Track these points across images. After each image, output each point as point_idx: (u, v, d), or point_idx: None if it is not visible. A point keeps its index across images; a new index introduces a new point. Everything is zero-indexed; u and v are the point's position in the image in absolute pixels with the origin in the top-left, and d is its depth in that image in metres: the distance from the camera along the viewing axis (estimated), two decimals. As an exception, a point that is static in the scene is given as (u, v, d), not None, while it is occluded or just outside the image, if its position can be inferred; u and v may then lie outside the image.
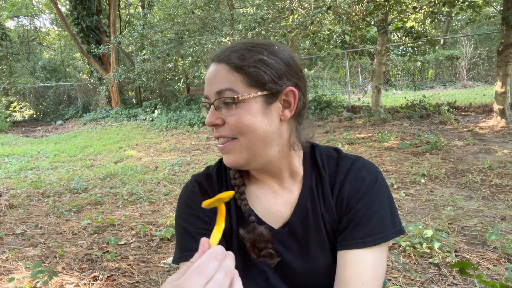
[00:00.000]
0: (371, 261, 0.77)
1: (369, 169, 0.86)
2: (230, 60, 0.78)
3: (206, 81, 0.81)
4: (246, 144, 0.79)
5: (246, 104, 0.77)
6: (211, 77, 0.80)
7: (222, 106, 0.78)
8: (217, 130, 0.80)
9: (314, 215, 0.86)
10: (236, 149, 0.79)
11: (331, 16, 8.06)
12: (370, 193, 0.82)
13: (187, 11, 9.99)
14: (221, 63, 0.79)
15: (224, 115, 0.78)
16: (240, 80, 0.77)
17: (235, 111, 0.77)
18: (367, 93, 10.97)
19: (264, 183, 0.90)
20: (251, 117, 0.77)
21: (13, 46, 18.62)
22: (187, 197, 0.89)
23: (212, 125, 0.80)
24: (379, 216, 0.80)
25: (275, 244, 0.86)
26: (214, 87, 0.79)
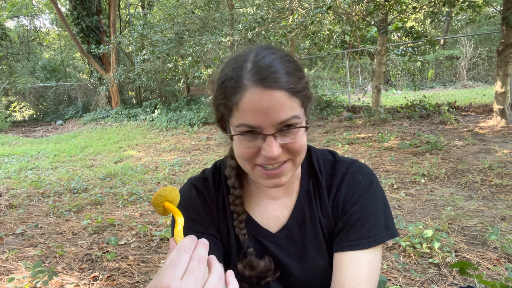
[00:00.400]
0: (366, 263, 0.78)
1: (365, 173, 0.87)
2: (289, 85, 0.72)
3: (258, 111, 0.70)
4: (298, 162, 0.78)
5: (300, 128, 0.75)
6: (269, 107, 0.70)
7: (280, 132, 0.73)
8: (276, 159, 0.74)
9: (312, 219, 0.87)
10: (289, 169, 0.78)
11: (331, 16, 8.06)
12: (365, 196, 0.84)
13: (187, 11, 9.98)
14: (280, 89, 0.70)
15: (284, 141, 0.74)
16: (297, 104, 0.74)
17: (297, 137, 0.74)
18: (367, 93, 10.98)
19: (263, 189, 0.90)
20: (304, 137, 0.77)
21: (13, 46, 18.62)
22: (184, 201, 0.89)
23: (276, 157, 0.73)
24: (374, 219, 0.82)
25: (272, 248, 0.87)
26: (275, 117, 0.70)
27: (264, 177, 0.77)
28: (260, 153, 0.74)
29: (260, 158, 0.75)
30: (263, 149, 0.73)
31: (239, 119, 0.73)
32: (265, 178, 0.77)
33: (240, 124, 0.73)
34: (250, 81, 0.71)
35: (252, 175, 0.80)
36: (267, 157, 0.73)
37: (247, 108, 0.71)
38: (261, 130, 0.72)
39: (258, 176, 0.78)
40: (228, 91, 0.74)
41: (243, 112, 0.72)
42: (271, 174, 0.76)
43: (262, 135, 0.72)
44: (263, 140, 0.73)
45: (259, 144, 0.73)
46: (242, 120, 0.72)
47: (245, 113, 0.71)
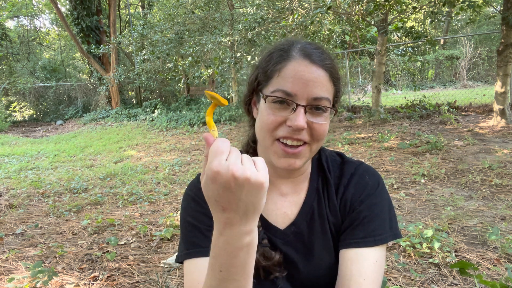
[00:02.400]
0: (372, 260, 0.79)
1: (372, 174, 0.90)
2: (332, 69, 0.80)
3: (299, 80, 0.76)
4: (315, 149, 0.82)
5: (327, 115, 0.80)
6: (310, 79, 0.76)
7: (310, 111, 0.78)
8: (299, 133, 0.77)
9: (320, 216, 0.88)
10: (305, 154, 0.80)
11: (331, 16, 8.06)
12: (372, 196, 0.86)
13: (187, 11, 9.99)
14: (324, 69, 0.78)
15: (311, 120, 0.77)
16: (332, 92, 0.81)
17: (324, 120, 0.79)
18: (367, 93, 10.98)
19: (274, 185, 0.91)
20: (327, 126, 0.81)
21: (13, 46, 18.63)
22: (195, 195, 0.89)
23: (301, 129, 0.77)
24: (380, 219, 0.84)
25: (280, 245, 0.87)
26: (312, 90, 0.76)
27: (281, 154, 0.79)
28: (284, 125, 0.78)
29: (282, 130, 0.78)
30: (289, 119, 0.76)
31: (277, 85, 0.78)
32: (281, 156, 0.79)
33: (277, 90, 0.78)
34: (298, 54, 0.79)
35: (269, 152, 0.81)
36: (293, 126, 0.75)
37: (289, 75, 0.77)
38: (295, 98, 0.76)
39: (275, 152, 0.80)
40: (274, 59, 0.80)
41: (283, 78, 0.78)
42: (289, 152, 0.78)
43: (294, 104, 0.76)
44: (293, 111, 0.76)
45: (287, 115, 0.77)
46: (280, 85, 0.77)
47: (285, 79, 0.77)
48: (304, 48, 0.80)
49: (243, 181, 0.55)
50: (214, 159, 0.56)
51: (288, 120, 0.76)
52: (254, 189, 0.56)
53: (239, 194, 0.56)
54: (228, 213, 0.58)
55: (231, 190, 0.56)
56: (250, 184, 0.56)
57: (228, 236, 0.59)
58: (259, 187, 0.56)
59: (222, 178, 0.55)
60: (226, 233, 0.59)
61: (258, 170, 0.57)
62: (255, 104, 0.88)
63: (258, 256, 0.84)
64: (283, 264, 0.86)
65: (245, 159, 0.58)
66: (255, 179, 0.56)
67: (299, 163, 0.80)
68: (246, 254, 0.61)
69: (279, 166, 0.80)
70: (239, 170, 0.55)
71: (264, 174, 0.57)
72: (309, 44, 0.82)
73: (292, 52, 0.80)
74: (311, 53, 0.79)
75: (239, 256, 0.60)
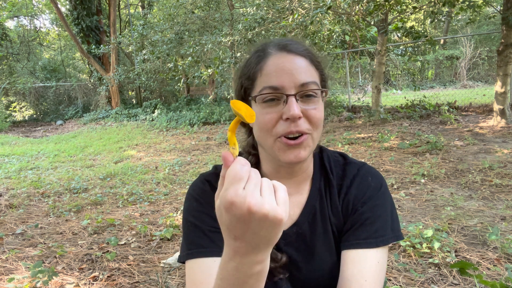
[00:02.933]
0: (374, 261, 0.79)
1: (374, 176, 0.90)
2: (311, 55, 0.81)
3: (281, 71, 0.77)
4: (316, 137, 0.81)
5: (319, 99, 0.80)
6: (292, 68, 0.77)
7: (301, 99, 0.77)
8: (297, 124, 0.76)
9: (322, 216, 0.88)
10: (309, 144, 0.80)
11: (331, 16, 8.06)
12: (375, 198, 0.86)
13: (187, 11, 9.98)
14: (301, 56, 0.79)
15: (304, 107, 0.77)
16: (316, 75, 0.81)
17: (317, 105, 0.79)
18: (367, 93, 10.97)
19: None
20: (322, 111, 0.81)
21: (13, 46, 18.62)
22: (198, 195, 0.89)
23: (298, 118, 0.76)
24: (382, 220, 0.84)
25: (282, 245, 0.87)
26: (297, 78, 0.76)
27: (285, 149, 0.78)
28: (281, 121, 0.77)
29: (281, 126, 0.77)
30: (284, 112, 0.76)
31: (262, 84, 0.78)
32: (286, 150, 0.78)
33: (264, 88, 0.78)
34: (274, 49, 0.80)
35: (273, 150, 0.80)
36: (289, 116, 0.75)
37: (271, 70, 0.78)
38: (283, 91, 0.76)
39: (279, 149, 0.79)
40: (253, 61, 0.82)
41: (266, 75, 0.78)
42: (292, 144, 0.77)
43: (284, 96, 0.76)
44: (284, 103, 0.76)
45: (281, 109, 0.77)
46: (265, 83, 0.78)
47: (268, 76, 0.78)
48: (278, 43, 0.82)
49: (261, 216, 0.51)
50: (230, 187, 0.53)
51: (283, 113, 0.76)
52: (271, 225, 0.53)
53: (253, 227, 0.53)
54: (239, 242, 0.55)
55: (246, 223, 0.53)
56: (267, 220, 0.52)
57: (238, 263, 0.57)
58: (277, 223, 0.53)
59: (237, 210, 0.52)
60: (236, 260, 0.57)
61: (278, 204, 0.53)
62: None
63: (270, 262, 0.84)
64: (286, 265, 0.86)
65: (265, 188, 0.54)
66: (273, 215, 0.52)
67: (304, 153, 0.79)
68: (256, 282, 0.59)
69: (286, 161, 0.79)
70: (257, 204, 0.51)
71: (284, 209, 0.54)
72: (282, 39, 0.84)
73: (268, 49, 0.81)
74: (286, 44, 0.80)
75: (248, 283, 0.58)
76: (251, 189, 0.52)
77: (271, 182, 0.56)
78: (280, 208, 0.53)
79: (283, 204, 0.54)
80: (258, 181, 0.54)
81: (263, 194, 0.53)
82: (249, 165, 0.55)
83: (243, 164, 0.54)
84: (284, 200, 0.55)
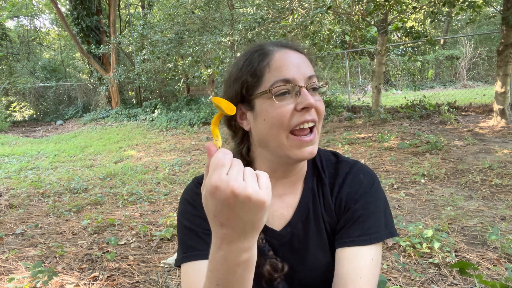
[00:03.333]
0: (368, 258, 0.79)
1: (366, 173, 0.90)
2: (310, 53, 0.87)
3: (291, 65, 0.80)
4: (319, 128, 0.84)
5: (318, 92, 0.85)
6: (299, 63, 0.81)
7: (309, 92, 0.80)
8: (311, 113, 0.80)
9: (315, 215, 0.88)
10: (316, 139, 0.83)
11: (331, 16, 8.06)
12: (367, 195, 0.86)
13: (187, 11, 9.98)
14: (303, 54, 0.84)
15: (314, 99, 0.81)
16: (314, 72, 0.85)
17: (320, 97, 0.83)
18: (367, 93, 10.97)
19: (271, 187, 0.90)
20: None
21: (13, 46, 18.62)
22: (192, 199, 0.89)
23: (313, 107, 0.79)
24: (375, 217, 0.84)
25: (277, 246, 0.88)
26: (305, 71, 0.80)
27: (299, 146, 0.80)
28: (295, 113, 0.78)
29: (295, 118, 0.78)
30: (299, 103, 0.78)
31: (273, 78, 0.79)
32: (299, 147, 0.80)
33: (275, 81, 0.78)
34: (275, 47, 0.83)
35: (284, 148, 0.81)
36: (307, 105, 0.77)
37: (280, 64, 0.79)
38: (296, 82, 0.78)
39: (291, 146, 0.80)
40: (257, 59, 0.82)
41: (276, 69, 0.79)
42: (307, 141, 0.79)
43: (297, 87, 0.78)
44: (297, 95, 0.79)
45: (293, 101, 0.79)
46: (277, 77, 0.79)
47: (278, 69, 0.79)
48: (276, 42, 0.85)
49: (244, 199, 0.53)
50: (214, 173, 0.55)
51: (298, 104, 0.78)
52: (254, 208, 0.54)
53: (238, 211, 0.55)
54: (226, 229, 0.57)
55: (230, 207, 0.54)
56: (250, 202, 0.54)
57: (225, 251, 0.58)
58: (260, 205, 0.55)
59: (221, 194, 0.54)
60: (224, 248, 0.58)
61: (261, 188, 0.55)
62: (243, 117, 0.86)
63: (269, 269, 0.84)
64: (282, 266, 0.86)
65: (248, 174, 0.56)
66: (256, 197, 0.54)
67: (316, 148, 0.82)
68: (244, 271, 0.60)
69: (300, 158, 0.81)
70: (240, 187, 0.53)
71: (267, 193, 0.56)
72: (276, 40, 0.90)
73: (268, 47, 0.83)
74: (286, 43, 0.84)
75: (236, 272, 0.59)
76: (234, 174, 0.54)
77: (253, 170, 0.58)
78: (262, 192, 0.55)
79: (266, 188, 0.56)
80: (241, 168, 0.56)
81: (245, 178, 0.55)
82: (231, 155, 0.57)
83: (226, 153, 0.57)
84: (266, 185, 0.56)
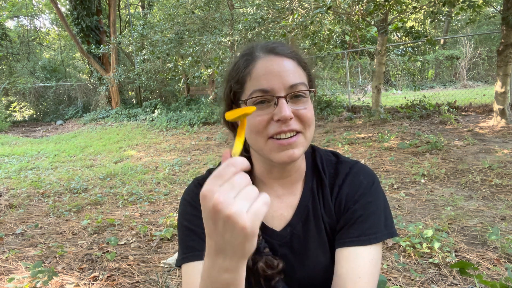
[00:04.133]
0: (367, 258, 0.79)
1: (366, 174, 0.90)
2: (297, 56, 0.83)
3: (270, 74, 0.78)
4: (308, 137, 0.82)
5: (308, 99, 0.82)
6: (281, 70, 0.78)
7: (291, 100, 0.79)
8: (288, 124, 0.77)
9: (315, 216, 0.89)
10: (301, 143, 0.80)
11: (331, 16, 8.06)
12: (367, 195, 0.86)
13: (187, 11, 9.98)
14: (288, 58, 0.81)
15: (295, 108, 0.78)
16: (304, 76, 0.82)
17: (306, 105, 0.80)
18: (367, 93, 10.97)
19: (269, 187, 0.91)
20: (312, 110, 0.82)
21: (13, 46, 18.62)
22: (192, 200, 0.89)
23: (289, 119, 0.77)
24: (374, 217, 0.84)
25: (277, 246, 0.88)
26: (286, 80, 0.78)
27: (278, 149, 0.78)
28: (272, 122, 0.78)
29: (272, 127, 0.78)
30: (275, 114, 0.77)
31: (252, 87, 0.79)
32: (278, 151, 0.79)
33: (253, 91, 0.78)
34: (261, 52, 0.81)
35: (264, 152, 0.81)
36: (281, 117, 0.75)
37: (260, 73, 0.78)
38: (273, 93, 0.77)
39: (271, 150, 0.79)
40: (242, 65, 0.82)
41: (256, 79, 0.79)
42: (284, 144, 0.78)
43: (275, 98, 0.77)
44: (275, 105, 0.77)
45: (271, 111, 0.78)
46: (255, 86, 0.78)
47: (258, 79, 0.78)
48: (265, 46, 0.83)
49: (224, 216, 0.49)
50: (209, 181, 0.52)
51: (274, 115, 0.77)
52: (235, 231, 0.50)
53: (219, 227, 0.51)
54: (209, 239, 0.55)
55: (213, 220, 0.52)
56: (230, 222, 0.50)
57: (209, 262, 0.56)
58: (240, 230, 0.50)
59: (206, 204, 0.51)
60: (209, 258, 0.56)
61: (248, 212, 0.50)
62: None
63: (263, 266, 0.84)
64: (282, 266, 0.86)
65: (243, 194, 0.51)
66: (236, 219, 0.49)
67: (297, 152, 0.79)
68: None
69: (280, 162, 0.79)
70: (223, 203, 0.50)
71: (251, 219, 0.50)
72: (268, 42, 0.85)
73: (255, 53, 0.82)
74: (273, 47, 0.81)
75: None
76: (226, 188, 0.51)
77: (257, 192, 0.53)
78: (246, 216, 0.50)
79: (253, 213, 0.50)
80: (239, 185, 0.52)
81: (237, 197, 0.51)
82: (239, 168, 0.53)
83: (231, 165, 0.53)
84: (256, 211, 0.51)
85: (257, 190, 0.54)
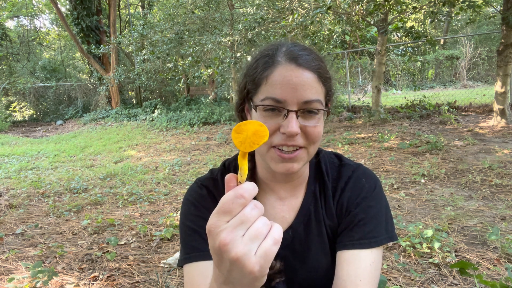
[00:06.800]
0: (368, 262, 0.80)
1: (369, 177, 0.90)
2: (321, 70, 0.78)
3: (287, 85, 0.74)
4: (311, 152, 0.80)
5: (321, 116, 0.79)
6: (298, 83, 0.74)
7: (302, 115, 0.76)
8: (294, 139, 0.75)
9: (317, 219, 0.89)
10: (303, 158, 0.79)
11: (331, 16, 8.06)
12: (369, 199, 0.86)
13: (187, 11, 9.98)
14: (310, 70, 0.76)
15: (304, 124, 0.76)
16: (322, 92, 0.78)
17: (317, 123, 0.77)
18: (367, 93, 10.98)
19: (272, 190, 0.91)
20: (322, 127, 0.79)
21: (13, 46, 18.63)
22: (195, 200, 0.90)
23: (295, 135, 0.74)
24: (375, 221, 0.84)
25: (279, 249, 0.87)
26: (301, 94, 0.74)
27: (278, 160, 0.78)
28: (278, 133, 0.76)
29: (277, 137, 0.76)
30: (282, 126, 0.75)
31: (265, 93, 0.76)
32: (278, 162, 0.78)
33: (266, 97, 0.76)
34: (283, 59, 0.77)
35: (266, 158, 0.80)
36: (286, 132, 0.74)
37: (277, 82, 0.75)
38: (285, 105, 0.74)
39: (271, 158, 0.79)
40: (260, 66, 0.79)
41: (271, 86, 0.76)
42: (285, 157, 0.77)
43: (286, 110, 0.74)
44: (285, 117, 0.75)
45: (279, 122, 0.75)
46: (269, 93, 0.75)
47: (273, 86, 0.75)
48: (289, 52, 0.78)
49: (231, 258, 0.46)
50: (214, 215, 0.48)
51: (281, 127, 0.75)
52: (242, 273, 0.47)
53: (226, 265, 0.48)
54: (217, 270, 0.52)
55: (220, 257, 0.48)
56: (236, 265, 0.47)
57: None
58: (247, 273, 0.47)
59: (212, 240, 0.48)
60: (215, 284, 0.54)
61: (256, 254, 0.47)
62: (248, 111, 0.86)
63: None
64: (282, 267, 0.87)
65: (253, 232, 0.47)
66: (243, 263, 0.46)
67: (297, 166, 0.78)
68: None
69: (277, 171, 0.79)
70: (229, 244, 0.46)
71: (259, 262, 0.47)
72: (294, 46, 0.80)
73: (277, 57, 0.78)
74: (297, 56, 0.77)
75: None
76: (233, 225, 0.47)
77: (268, 226, 0.49)
78: (254, 259, 0.46)
79: (261, 256, 0.47)
80: (249, 220, 0.47)
81: (246, 235, 0.47)
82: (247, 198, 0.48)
83: (240, 197, 0.48)
84: (265, 253, 0.47)
85: (268, 222, 0.49)
